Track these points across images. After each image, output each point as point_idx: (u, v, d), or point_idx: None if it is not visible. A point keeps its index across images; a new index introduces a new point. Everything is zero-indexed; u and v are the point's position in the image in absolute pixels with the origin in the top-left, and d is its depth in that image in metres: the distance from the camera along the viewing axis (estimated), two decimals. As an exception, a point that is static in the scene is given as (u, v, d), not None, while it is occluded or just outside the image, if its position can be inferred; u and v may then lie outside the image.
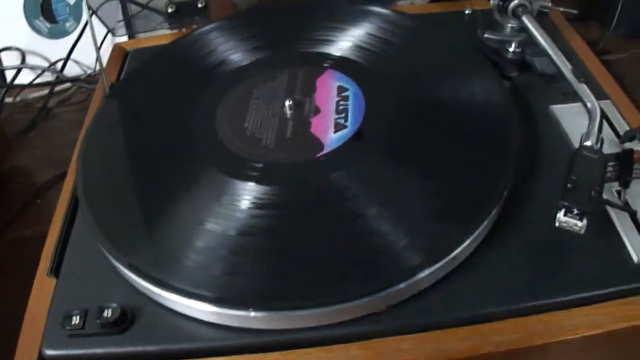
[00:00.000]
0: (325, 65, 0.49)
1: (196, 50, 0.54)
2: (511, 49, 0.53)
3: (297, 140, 0.44)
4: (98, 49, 0.54)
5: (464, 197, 0.40)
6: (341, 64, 0.50)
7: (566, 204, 0.36)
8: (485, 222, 0.38)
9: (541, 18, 0.53)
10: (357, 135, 0.43)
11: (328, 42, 0.52)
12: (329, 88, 0.48)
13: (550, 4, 0.54)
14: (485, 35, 0.55)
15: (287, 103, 0.46)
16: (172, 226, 0.40)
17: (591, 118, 0.42)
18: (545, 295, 0.36)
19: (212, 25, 0.56)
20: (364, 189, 0.40)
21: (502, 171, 0.40)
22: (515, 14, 0.53)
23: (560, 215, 0.36)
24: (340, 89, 0.47)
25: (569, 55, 0.49)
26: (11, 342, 0.47)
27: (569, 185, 0.37)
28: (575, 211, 0.36)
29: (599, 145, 0.40)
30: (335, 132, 0.44)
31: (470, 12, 0.58)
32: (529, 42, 0.52)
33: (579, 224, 0.36)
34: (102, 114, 0.49)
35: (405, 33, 0.52)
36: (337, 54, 0.51)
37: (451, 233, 0.37)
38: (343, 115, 0.45)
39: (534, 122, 0.48)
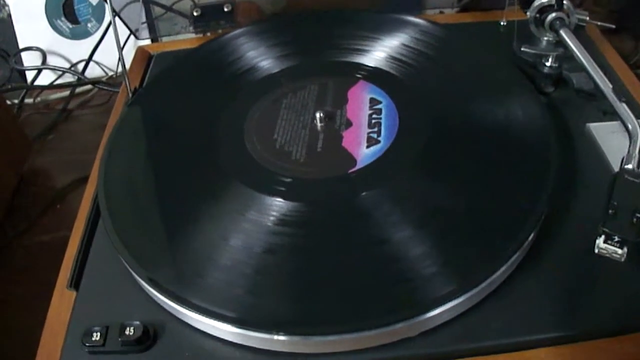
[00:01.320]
0: (358, 76, 0.48)
1: (224, 56, 0.52)
2: (548, 64, 0.52)
3: (328, 155, 0.42)
4: (121, 51, 0.53)
5: (500, 219, 0.38)
6: (373, 75, 0.48)
7: (606, 230, 0.35)
8: (523, 247, 0.37)
9: (577, 31, 0.51)
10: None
11: (359, 51, 0.51)
12: (361, 100, 0.46)
13: (587, 18, 0.52)
14: (522, 49, 0.53)
15: (317, 115, 0.44)
16: (195, 241, 0.38)
17: (632, 140, 0.41)
18: (582, 324, 0.35)
19: (240, 30, 0.55)
20: (398, 209, 0.38)
21: (539, 194, 0.39)
22: (553, 28, 0.51)
23: (600, 241, 0.35)
24: (373, 102, 0.46)
25: (605, 69, 0.47)
26: (29, 351, 0.46)
27: (610, 212, 0.35)
28: (616, 238, 0.34)
29: None
30: (367, 147, 0.42)
31: (505, 23, 0.57)
32: (566, 56, 0.50)
33: (619, 251, 0.34)
34: (125, 121, 0.48)
35: (441, 45, 0.50)
36: (369, 64, 0.49)
37: (487, 258, 0.36)
38: (376, 129, 0.43)
39: (570, 141, 0.46)
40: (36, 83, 0.74)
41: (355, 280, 0.36)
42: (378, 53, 0.50)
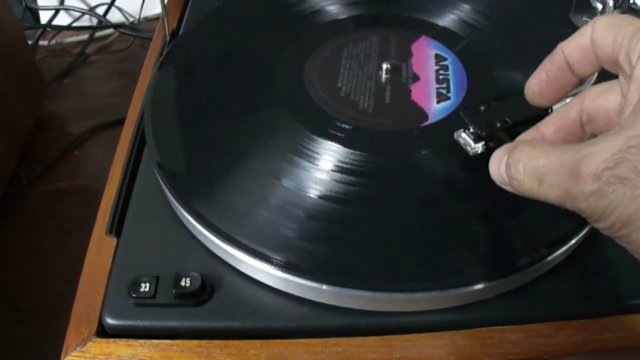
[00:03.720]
0: (427, 34, 0.45)
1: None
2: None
3: (397, 107, 0.39)
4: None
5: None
6: (438, 33, 0.45)
7: (463, 115, 0.33)
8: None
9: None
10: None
11: (425, 9, 0.47)
12: (426, 55, 0.43)
13: None
14: (584, 19, 0.51)
15: (384, 66, 0.41)
16: (246, 180, 0.35)
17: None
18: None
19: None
20: (478, 169, 0.35)
21: None
22: None
23: (460, 131, 0.34)
24: (438, 58, 0.43)
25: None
26: (45, 303, 0.43)
27: (482, 107, 0.34)
28: (471, 129, 0.33)
29: None
30: (438, 102, 0.39)
31: (567, -9, 0.54)
32: None
33: (473, 145, 0.33)
34: (170, 60, 0.44)
35: (505, 12, 0.47)
36: (436, 22, 0.47)
37: (563, 225, 0.33)
38: (444, 85, 0.41)
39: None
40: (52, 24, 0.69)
41: (426, 239, 0.33)
42: (443, 12, 0.47)
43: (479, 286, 0.31)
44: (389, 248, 0.33)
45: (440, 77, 0.41)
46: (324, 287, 0.31)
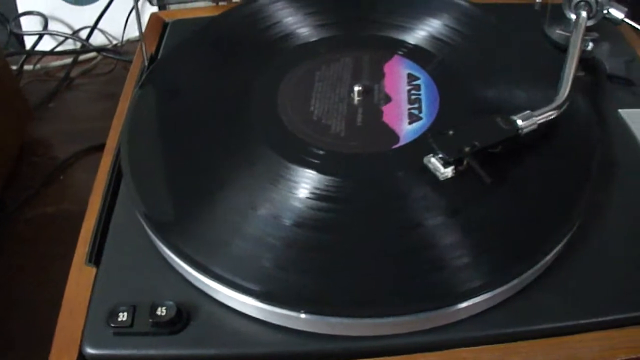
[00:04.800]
0: (396, 51, 0.45)
1: (253, 23, 0.49)
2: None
3: (368, 130, 0.40)
4: (137, 11, 0.49)
5: (546, 205, 0.36)
6: (409, 51, 0.46)
7: (431, 141, 0.35)
8: (572, 231, 0.35)
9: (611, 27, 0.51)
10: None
11: (396, 27, 0.48)
12: (398, 75, 0.44)
13: (622, 16, 0.50)
14: (557, 31, 0.52)
15: (356, 89, 0.42)
16: (224, 210, 0.36)
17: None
18: (632, 309, 0.33)
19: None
20: (451, 189, 0.36)
21: (583, 181, 0.37)
22: (577, 10, 0.50)
23: (430, 156, 0.35)
24: (411, 77, 0.44)
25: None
26: (34, 326, 0.44)
27: (450, 132, 0.35)
28: (440, 155, 0.34)
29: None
30: (409, 123, 0.40)
31: (540, 3, 0.55)
32: (599, 41, 0.49)
33: (442, 170, 0.35)
34: (147, 87, 0.45)
35: (478, 25, 0.48)
36: (408, 40, 0.47)
37: (538, 241, 0.34)
38: (416, 105, 0.41)
39: (601, 126, 0.44)
40: (36, 49, 0.70)
41: (398, 261, 0.34)
42: (416, 30, 0.48)
43: (454, 308, 0.32)
44: (362, 274, 0.33)
45: (412, 97, 0.42)
46: (302, 315, 0.32)
